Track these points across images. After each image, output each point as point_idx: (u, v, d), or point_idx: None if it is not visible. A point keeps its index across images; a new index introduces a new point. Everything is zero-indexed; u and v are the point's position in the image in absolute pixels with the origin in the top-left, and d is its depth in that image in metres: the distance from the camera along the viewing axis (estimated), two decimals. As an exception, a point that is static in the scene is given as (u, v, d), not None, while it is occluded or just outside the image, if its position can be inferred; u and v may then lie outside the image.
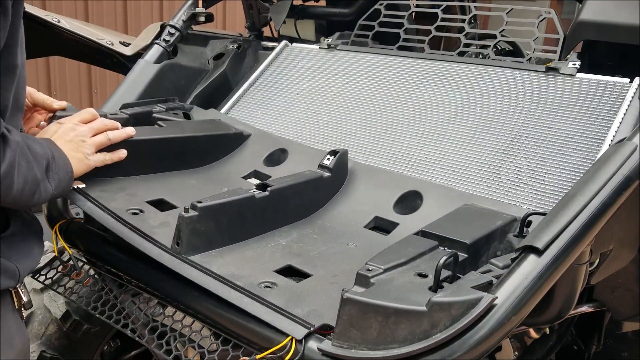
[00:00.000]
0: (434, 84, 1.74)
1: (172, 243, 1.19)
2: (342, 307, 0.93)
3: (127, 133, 1.47)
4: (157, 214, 1.33)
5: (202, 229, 1.19)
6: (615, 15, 1.56)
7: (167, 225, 1.25)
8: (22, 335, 1.23)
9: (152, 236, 1.23)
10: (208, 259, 1.18)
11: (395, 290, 0.95)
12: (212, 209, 1.20)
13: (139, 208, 1.34)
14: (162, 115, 1.78)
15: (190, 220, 1.17)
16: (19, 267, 1.17)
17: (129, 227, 1.26)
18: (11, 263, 1.16)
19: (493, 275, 1.01)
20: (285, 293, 1.09)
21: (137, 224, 1.26)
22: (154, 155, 1.54)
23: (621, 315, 1.80)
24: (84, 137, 1.37)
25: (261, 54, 2.17)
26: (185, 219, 1.17)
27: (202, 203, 1.18)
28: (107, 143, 1.42)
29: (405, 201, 1.44)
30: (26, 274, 1.21)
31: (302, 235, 1.34)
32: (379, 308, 0.91)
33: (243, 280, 1.11)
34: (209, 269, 1.14)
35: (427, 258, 1.08)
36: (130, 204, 1.35)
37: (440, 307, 0.89)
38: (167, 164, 1.57)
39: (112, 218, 1.29)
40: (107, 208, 1.32)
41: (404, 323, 0.90)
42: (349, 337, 0.93)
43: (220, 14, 5.39)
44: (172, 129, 1.63)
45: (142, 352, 2.12)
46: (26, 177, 1.12)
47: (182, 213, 1.17)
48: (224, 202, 1.22)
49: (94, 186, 1.39)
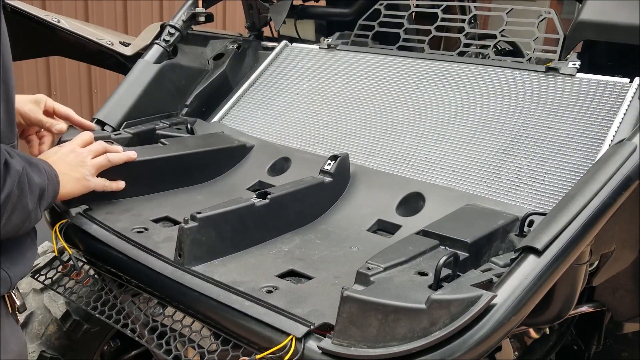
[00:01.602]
0: (434, 84, 1.74)
1: (174, 255, 1.20)
2: (342, 305, 0.93)
3: (127, 156, 1.47)
4: (161, 230, 1.35)
5: (203, 239, 1.20)
6: (615, 15, 1.55)
7: (171, 240, 1.27)
8: (18, 338, 1.22)
9: (156, 251, 1.24)
10: (210, 269, 1.19)
11: (395, 288, 0.95)
12: (212, 219, 1.21)
13: (144, 227, 1.36)
14: (166, 131, 1.80)
15: (190, 232, 1.18)
16: (10, 274, 1.15)
17: (133, 244, 1.28)
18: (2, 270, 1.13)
19: (493, 274, 1.00)
20: (287, 295, 1.09)
21: (141, 241, 1.28)
22: (158, 174, 1.56)
23: (622, 316, 1.80)
24: (84, 158, 1.38)
25: (261, 54, 2.17)
26: (186, 230, 1.18)
27: (202, 214, 1.19)
28: (108, 165, 1.43)
29: (407, 203, 1.44)
30: (18, 280, 1.19)
31: (305, 240, 1.34)
32: (379, 306, 0.91)
33: (244, 286, 1.12)
34: (211, 277, 1.15)
35: (427, 257, 1.08)
36: (135, 223, 1.37)
37: (440, 304, 0.89)
38: (172, 181, 1.59)
39: (118, 238, 1.31)
40: (112, 229, 1.34)
41: (403, 321, 0.90)
42: (349, 335, 0.93)
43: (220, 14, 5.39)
44: (175, 146, 1.64)
45: (142, 352, 2.12)
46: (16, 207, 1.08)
47: (182, 225, 1.18)
48: (223, 211, 1.23)
49: (100, 209, 1.42)
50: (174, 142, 1.67)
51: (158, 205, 1.49)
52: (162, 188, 1.57)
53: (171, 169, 1.58)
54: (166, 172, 1.57)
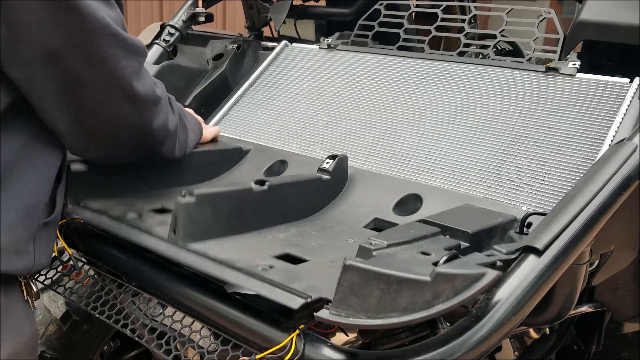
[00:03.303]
0: (434, 84, 1.74)
1: (168, 232, 1.19)
2: (343, 274, 0.91)
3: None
4: (155, 217, 1.35)
5: (199, 217, 1.18)
6: (615, 15, 1.56)
7: (166, 224, 1.26)
8: (31, 323, 1.24)
9: (150, 231, 1.24)
10: (205, 247, 1.17)
11: (398, 262, 0.94)
12: (209, 197, 1.19)
13: (139, 213, 1.36)
14: None
15: (187, 207, 1.16)
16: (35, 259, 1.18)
17: (127, 225, 1.27)
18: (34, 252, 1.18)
19: (497, 259, 0.99)
20: (283, 273, 1.07)
21: (135, 224, 1.28)
22: (153, 172, 1.55)
23: (622, 316, 1.80)
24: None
25: (261, 54, 2.17)
26: (182, 205, 1.15)
27: (199, 190, 1.18)
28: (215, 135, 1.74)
29: (405, 204, 1.44)
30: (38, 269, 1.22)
31: (301, 231, 1.33)
32: (382, 276, 0.89)
33: (240, 263, 1.10)
34: (205, 253, 1.13)
35: (430, 241, 1.07)
36: (130, 211, 1.37)
37: (445, 278, 0.87)
38: (167, 181, 1.58)
39: (111, 221, 1.31)
40: (106, 213, 1.34)
41: (405, 292, 0.88)
42: (348, 305, 0.91)
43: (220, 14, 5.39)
44: None
45: (142, 352, 2.12)
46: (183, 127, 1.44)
47: (179, 199, 1.16)
48: (221, 191, 1.22)
49: (94, 201, 1.42)
50: None
51: (153, 199, 1.48)
52: (157, 187, 1.55)
53: (166, 168, 1.57)
54: (161, 171, 1.56)
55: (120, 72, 1.14)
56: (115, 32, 1.11)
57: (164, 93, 1.33)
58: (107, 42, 1.10)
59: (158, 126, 1.29)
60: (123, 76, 1.15)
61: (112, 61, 1.12)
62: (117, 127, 1.22)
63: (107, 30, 1.09)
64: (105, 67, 1.12)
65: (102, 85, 1.14)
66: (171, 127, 1.35)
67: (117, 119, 1.20)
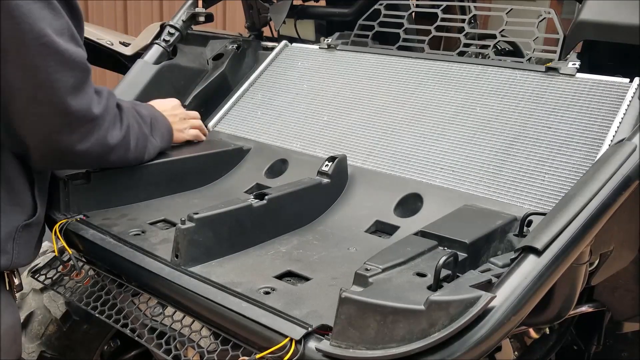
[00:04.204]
0: (434, 84, 1.74)
1: (171, 256, 1.20)
2: (340, 307, 0.93)
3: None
4: (158, 232, 1.35)
5: (200, 240, 1.20)
6: (615, 15, 1.55)
7: (169, 242, 1.27)
8: (13, 313, 1.26)
9: (153, 252, 1.24)
10: (207, 269, 1.18)
11: (393, 290, 0.95)
12: (209, 219, 1.20)
13: (141, 229, 1.36)
14: None
15: (187, 232, 1.18)
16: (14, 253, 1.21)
17: (129, 246, 1.28)
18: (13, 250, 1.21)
19: (492, 274, 1.00)
20: (284, 297, 1.09)
21: (138, 244, 1.28)
22: (154, 179, 1.55)
23: (622, 315, 1.80)
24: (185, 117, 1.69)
25: (261, 54, 2.17)
26: (182, 231, 1.17)
27: (199, 214, 1.19)
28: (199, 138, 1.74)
29: (405, 204, 1.44)
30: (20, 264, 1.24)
31: (303, 242, 1.34)
32: (377, 307, 0.91)
33: (242, 287, 1.11)
34: (208, 278, 1.15)
35: (426, 258, 1.08)
36: (132, 227, 1.37)
37: (439, 306, 0.89)
38: (169, 187, 1.59)
39: (114, 241, 1.31)
40: (109, 233, 1.34)
41: (402, 322, 0.89)
42: (347, 337, 0.93)
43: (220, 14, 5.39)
44: (171, 151, 1.64)
45: (142, 352, 2.12)
46: (138, 136, 1.39)
47: (179, 225, 1.18)
48: (220, 212, 1.23)
49: (97, 216, 1.42)
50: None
51: (155, 210, 1.49)
52: (159, 194, 1.56)
53: (167, 174, 1.58)
54: (162, 178, 1.57)
55: (53, 85, 1.11)
56: (52, 42, 1.08)
57: (110, 108, 1.28)
58: (41, 52, 1.08)
59: (94, 141, 1.25)
60: (55, 89, 1.12)
61: (44, 72, 1.09)
62: (48, 139, 1.19)
63: (42, 39, 1.06)
64: (36, 78, 1.09)
65: (31, 95, 1.11)
66: (112, 142, 1.30)
67: (46, 131, 1.17)
